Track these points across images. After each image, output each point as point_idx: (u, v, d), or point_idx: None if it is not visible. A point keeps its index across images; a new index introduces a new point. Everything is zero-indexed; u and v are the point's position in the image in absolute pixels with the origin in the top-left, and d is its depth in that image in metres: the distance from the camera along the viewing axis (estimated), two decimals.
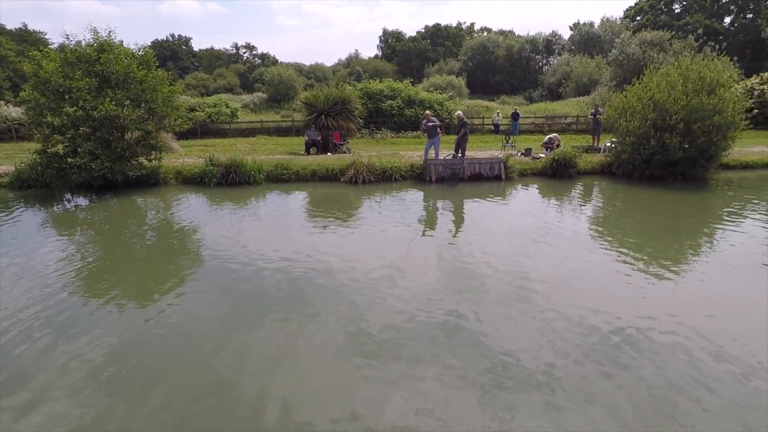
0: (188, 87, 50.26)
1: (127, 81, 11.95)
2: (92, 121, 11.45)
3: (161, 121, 12.90)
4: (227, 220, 9.47)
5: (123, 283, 6.40)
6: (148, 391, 3.99)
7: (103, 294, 6.00)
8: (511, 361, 4.32)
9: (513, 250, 7.37)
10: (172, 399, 3.89)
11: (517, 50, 57.08)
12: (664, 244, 7.75)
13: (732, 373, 4.11)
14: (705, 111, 11.97)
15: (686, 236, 8.34)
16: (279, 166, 13.45)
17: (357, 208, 10.61)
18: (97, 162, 11.48)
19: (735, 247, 7.45)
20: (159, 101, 12.47)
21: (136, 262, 7.26)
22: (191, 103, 25.60)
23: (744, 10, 52.70)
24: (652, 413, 3.62)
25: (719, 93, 12.21)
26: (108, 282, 6.42)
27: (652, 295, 5.69)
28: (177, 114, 13.41)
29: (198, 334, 4.94)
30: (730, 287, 5.93)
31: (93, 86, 11.73)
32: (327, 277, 6.38)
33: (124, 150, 12.03)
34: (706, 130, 11.99)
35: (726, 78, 12.69)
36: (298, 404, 3.78)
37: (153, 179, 13.02)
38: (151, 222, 9.92)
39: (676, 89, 12.34)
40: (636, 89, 13.47)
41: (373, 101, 23.84)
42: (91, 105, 11.37)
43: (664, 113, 12.40)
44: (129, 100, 12.08)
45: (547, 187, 12.67)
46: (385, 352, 4.51)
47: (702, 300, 5.59)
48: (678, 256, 7.24)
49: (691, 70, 12.68)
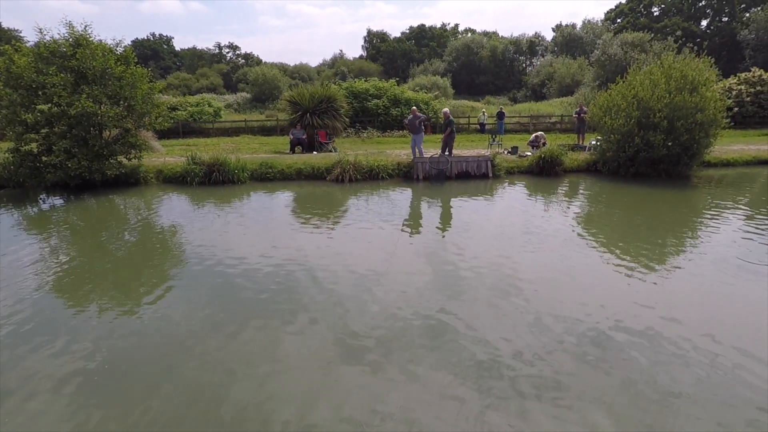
0: (170, 87, 49.37)
1: (105, 77, 11.56)
2: (68, 119, 11.03)
3: (141, 118, 12.51)
4: (210, 221, 9.17)
5: (102, 286, 6.11)
6: (128, 398, 3.77)
7: (80, 298, 5.72)
8: (502, 359, 4.22)
9: (501, 250, 7.30)
10: (151, 405, 3.67)
11: (501, 51, 57.63)
12: (650, 241, 7.77)
13: (719, 368, 4.08)
14: (688, 109, 12.14)
15: (670, 233, 8.40)
16: (264, 164, 13.19)
17: (344, 207, 10.43)
18: (73, 161, 11.06)
19: (717, 243, 7.54)
20: (138, 98, 12.10)
21: (116, 264, 6.95)
22: (173, 102, 25.07)
23: (720, 14, 54.16)
24: (648, 414, 3.56)
25: (701, 91, 12.40)
26: (86, 285, 6.12)
27: (638, 292, 5.69)
28: (157, 112, 13.05)
29: (180, 338, 4.72)
30: (712, 283, 5.97)
31: (68, 82, 11.31)
32: (313, 278, 6.20)
33: (101, 148, 11.62)
34: (689, 127, 12.16)
35: (706, 77, 12.90)
36: (286, 406, 3.61)
37: (133, 178, 12.63)
38: (132, 222, 9.56)
39: (660, 87, 12.49)
40: (620, 87, 13.61)
41: (359, 100, 23.69)
42: (67, 101, 10.96)
43: (647, 111, 12.54)
44: (107, 97, 11.68)
45: (533, 185, 12.68)
46: (372, 352, 4.37)
47: (685, 295, 5.62)
48: (663, 253, 7.27)
49: (674, 69, 12.86)
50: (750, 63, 38.48)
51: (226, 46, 77.96)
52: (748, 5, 49.79)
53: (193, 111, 24.39)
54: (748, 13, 48.44)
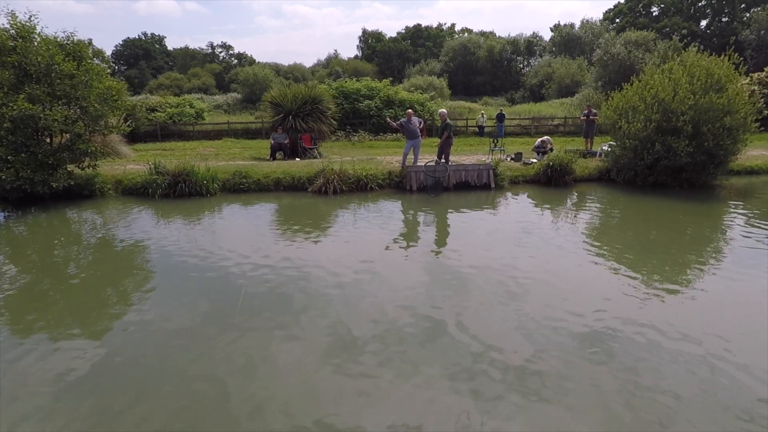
0: (161, 87, 47.87)
1: (50, 74, 10.03)
2: (5, 122, 9.49)
3: (96, 122, 10.96)
4: (175, 238, 7.89)
5: (53, 312, 5.22)
6: None
7: (29, 327, 4.83)
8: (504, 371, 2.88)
9: (508, 270, 6.05)
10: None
11: (498, 51, 56.29)
12: (673, 259, 6.78)
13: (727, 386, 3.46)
14: (715, 111, 10.77)
15: (692, 250, 7.34)
16: (237, 174, 11.67)
17: (326, 223, 8.98)
18: (9, 171, 9.52)
19: (746, 265, 6.39)
20: (92, 99, 10.57)
21: (70, 288, 6.00)
22: (151, 103, 23.51)
23: (720, 14, 53.16)
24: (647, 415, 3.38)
25: (729, 91, 11.02)
26: (35, 312, 5.18)
27: (655, 311, 5.07)
28: (117, 114, 11.53)
29: (144, 370, 4.03)
30: (737, 305, 5.25)
31: (7, 80, 9.79)
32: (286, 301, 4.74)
33: (46, 156, 10.09)
34: (716, 132, 10.78)
35: (734, 76, 11.53)
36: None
37: (87, 190, 11.08)
38: (87, 240, 8.36)
39: (683, 87, 11.10)
40: (637, 87, 12.20)
41: (350, 101, 22.18)
42: (2, 102, 9.44)
43: (669, 114, 11.15)
44: (53, 98, 10.14)
45: (541, 196, 11.26)
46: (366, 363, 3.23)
47: (706, 316, 5.05)
48: (686, 272, 6.35)
49: (698, 66, 11.46)
50: (751, 63, 37.28)
51: (219, 45, 76.41)
52: (748, 5, 48.78)
53: (173, 112, 22.80)
54: (748, 13, 47.45)
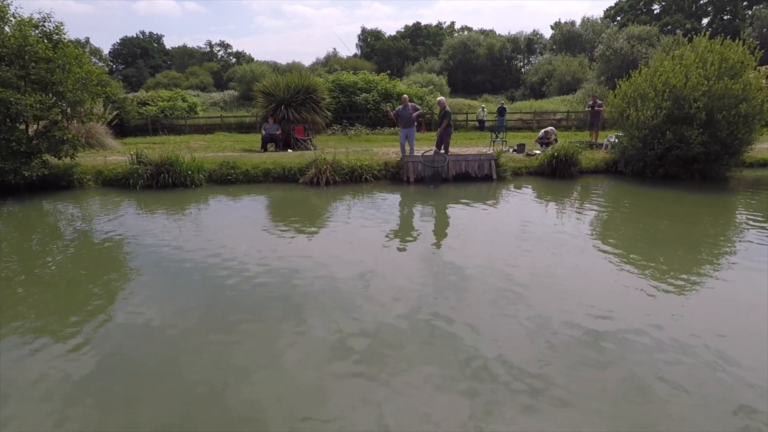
0: (159, 85, 47.25)
1: (23, 57, 9.42)
2: None
3: (73, 108, 10.35)
4: (159, 232, 7.28)
5: (31, 311, 4.68)
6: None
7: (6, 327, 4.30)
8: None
9: (511, 269, 5.39)
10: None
11: (498, 49, 55.71)
12: (686, 255, 6.20)
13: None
14: (730, 98, 10.17)
15: (705, 245, 6.71)
16: (224, 165, 11.05)
17: (318, 216, 8.37)
18: None
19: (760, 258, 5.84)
20: (69, 83, 9.95)
21: (48, 284, 5.44)
22: (143, 97, 22.88)
23: (721, 11, 52.68)
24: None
25: (744, 77, 10.42)
26: (9, 311, 4.60)
27: (664, 309, 4.57)
28: (99, 101, 10.91)
29: (135, 371, 3.58)
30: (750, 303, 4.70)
31: None
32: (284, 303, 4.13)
33: (19, 144, 9.47)
34: (732, 120, 10.18)
35: (749, 62, 10.92)
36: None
37: (65, 181, 10.47)
38: (65, 233, 7.73)
39: (695, 73, 10.50)
40: (646, 74, 11.60)
41: (346, 94, 21.58)
42: None
43: (681, 101, 10.54)
44: (27, 82, 9.53)
45: (546, 188, 10.65)
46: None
47: (717, 315, 4.51)
48: (694, 269, 5.74)
49: (711, 51, 10.86)
50: None
51: (217, 44, 75.75)
52: (751, 2, 48.26)
53: (165, 106, 22.17)
54: (750, 10, 46.93)
